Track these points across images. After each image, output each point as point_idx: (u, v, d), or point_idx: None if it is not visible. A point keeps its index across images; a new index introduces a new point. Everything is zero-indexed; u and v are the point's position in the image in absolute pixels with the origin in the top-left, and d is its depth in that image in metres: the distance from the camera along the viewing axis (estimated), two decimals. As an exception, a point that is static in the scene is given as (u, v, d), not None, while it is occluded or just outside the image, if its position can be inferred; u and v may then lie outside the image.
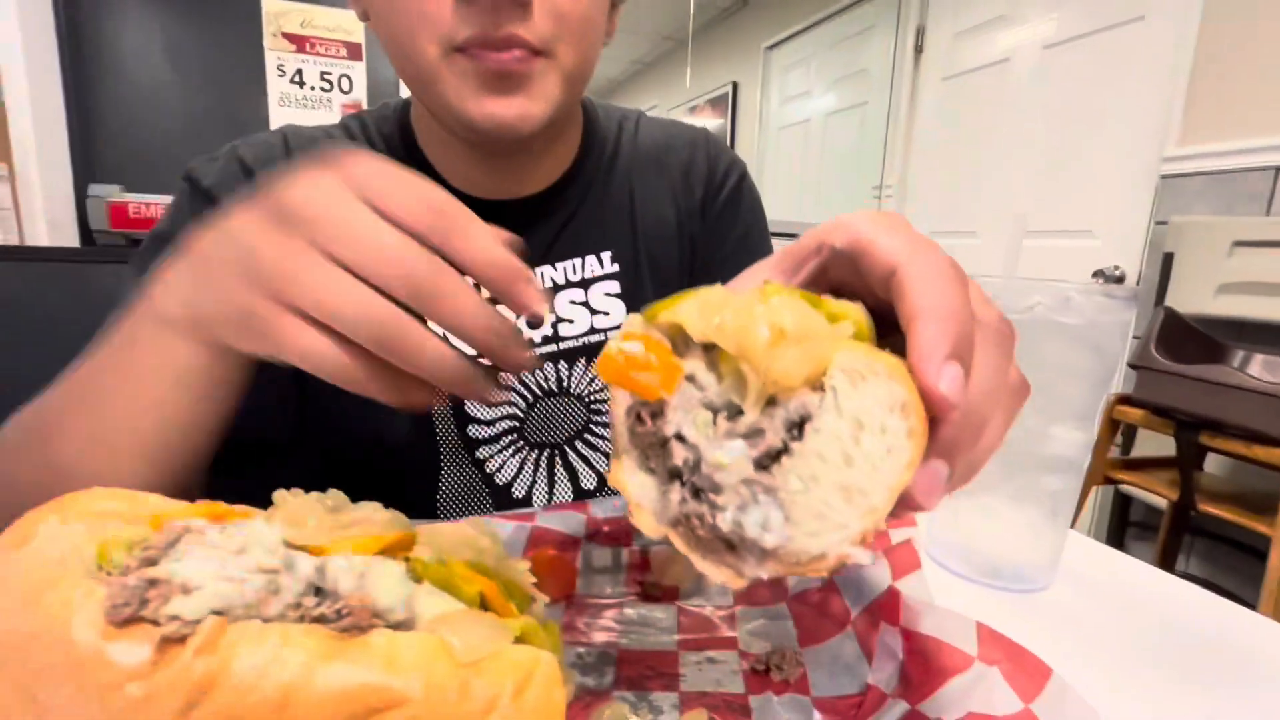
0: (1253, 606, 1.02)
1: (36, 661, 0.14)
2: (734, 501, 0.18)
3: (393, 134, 0.48)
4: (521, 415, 0.47)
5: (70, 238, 1.77)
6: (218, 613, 0.15)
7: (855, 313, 0.19)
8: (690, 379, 0.19)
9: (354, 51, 2.08)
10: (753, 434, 0.18)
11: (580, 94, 0.44)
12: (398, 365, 0.22)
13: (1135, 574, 0.37)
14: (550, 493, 0.48)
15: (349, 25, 2.06)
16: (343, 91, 2.09)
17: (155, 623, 0.14)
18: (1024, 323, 0.32)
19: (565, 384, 0.48)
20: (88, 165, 1.82)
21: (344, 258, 0.21)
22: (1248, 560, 1.45)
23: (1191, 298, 1.46)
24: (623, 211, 0.51)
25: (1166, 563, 1.50)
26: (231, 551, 0.16)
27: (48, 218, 1.66)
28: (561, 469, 0.49)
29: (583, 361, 0.48)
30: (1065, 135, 1.91)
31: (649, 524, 0.19)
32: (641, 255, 0.50)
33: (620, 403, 0.20)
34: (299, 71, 2.03)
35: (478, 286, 0.23)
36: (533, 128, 0.39)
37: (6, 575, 0.15)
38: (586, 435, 0.49)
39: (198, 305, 0.24)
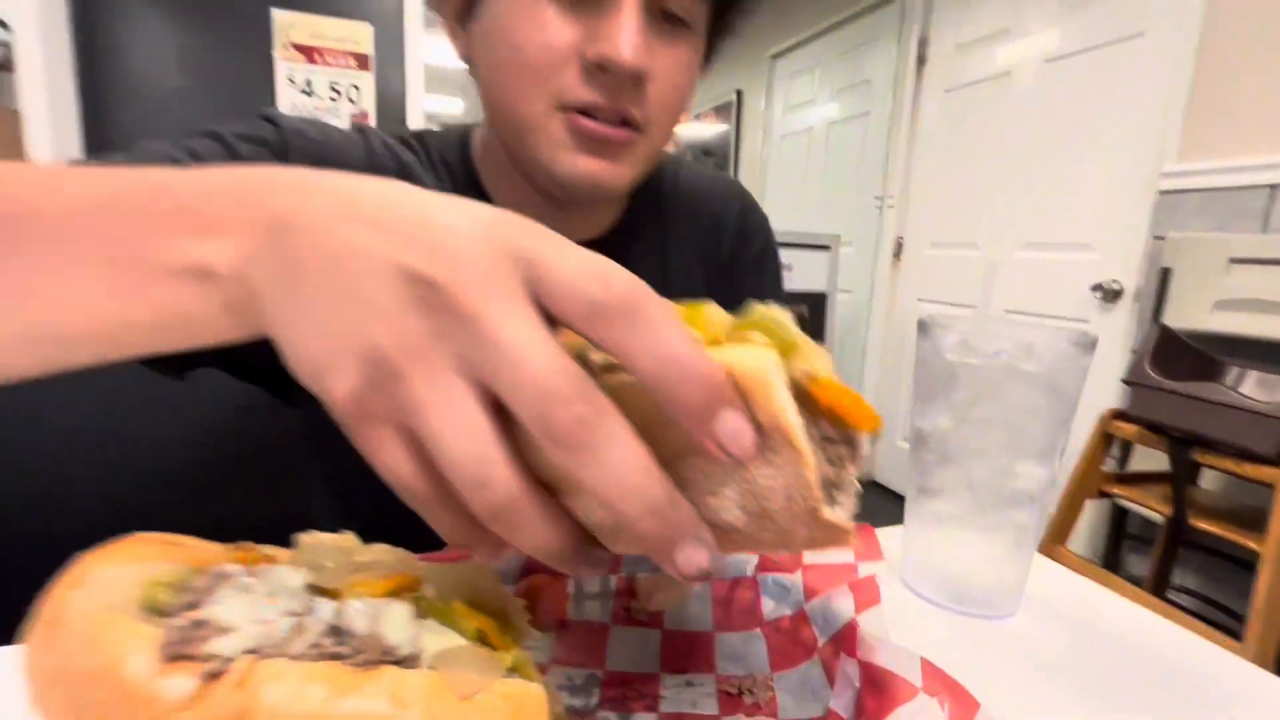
0: (1243, 620, 1.03)
1: (93, 696, 0.16)
2: None
3: (455, 162, 0.49)
4: None
5: (84, 245, 1.81)
6: (251, 651, 0.17)
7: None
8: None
9: (363, 62, 2.11)
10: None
11: (655, 164, 0.46)
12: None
13: (1100, 603, 0.39)
14: None
15: (357, 36, 2.09)
16: (351, 101, 2.13)
17: (198, 660, 0.16)
18: (990, 367, 0.34)
19: None
20: (101, 173, 1.85)
21: (492, 378, 0.16)
22: (1242, 575, 1.46)
23: (1189, 313, 1.47)
24: (656, 261, 0.53)
25: (1161, 576, 1.51)
26: (263, 595, 0.18)
27: (62, 225, 1.70)
28: None
29: None
30: (1065, 148, 1.93)
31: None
32: None
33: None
34: (308, 81, 2.06)
35: None
36: (617, 191, 0.42)
37: (68, 616, 0.17)
38: None
39: (288, 315, 0.18)
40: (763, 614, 0.31)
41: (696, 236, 0.54)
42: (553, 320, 0.17)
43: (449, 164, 0.49)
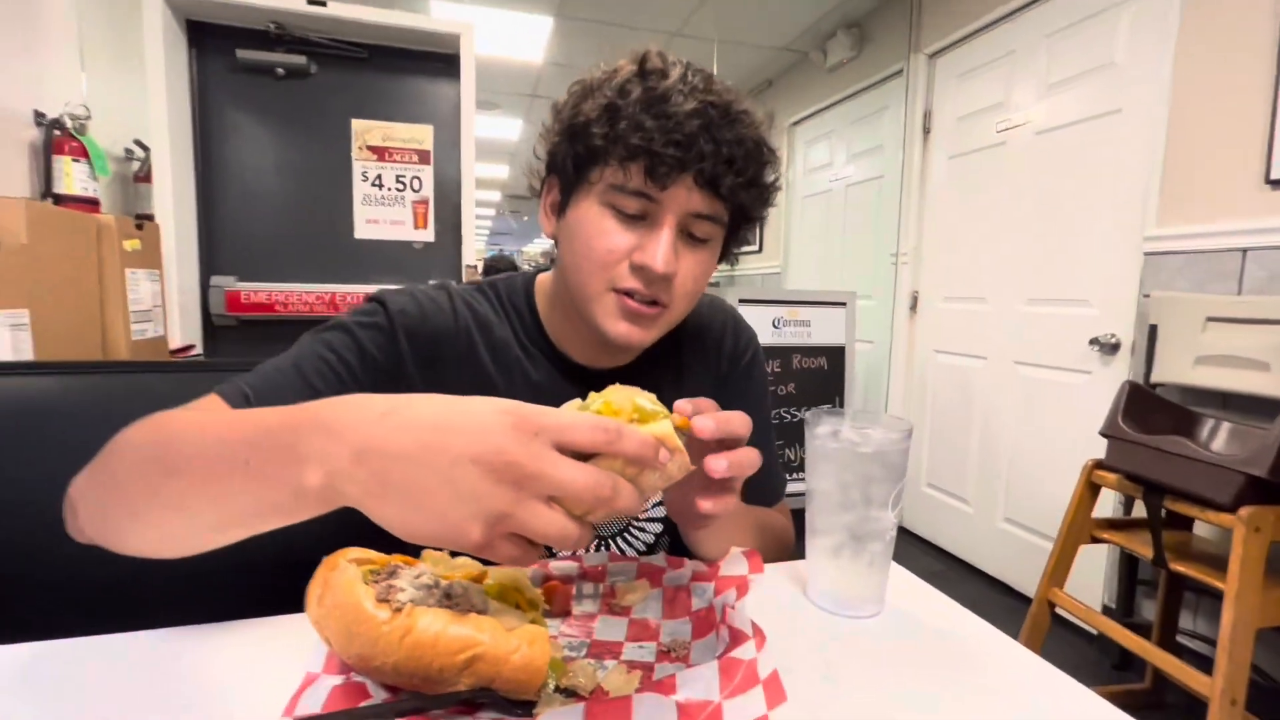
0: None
1: (349, 617, 0.36)
2: None
3: (521, 308, 0.65)
4: None
5: (195, 322, 2.14)
6: (411, 600, 0.37)
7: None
8: None
9: (424, 157, 2.45)
10: None
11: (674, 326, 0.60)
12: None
13: (940, 609, 0.55)
14: None
15: (420, 136, 2.43)
16: (414, 190, 2.45)
17: (391, 603, 0.36)
18: (844, 449, 0.52)
19: None
20: (210, 261, 2.20)
21: (555, 496, 0.32)
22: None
23: (1174, 368, 1.57)
24: (672, 380, 0.68)
25: (1168, 620, 1.57)
26: (414, 577, 0.38)
27: (179, 307, 2.03)
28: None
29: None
30: (1059, 211, 2.07)
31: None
32: None
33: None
34: (379, 176, 2.40)
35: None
36: (643, 347, 0.60)
37: (333, 582, 0.37)
38: (626, 533, 0.67)
39: (401, 513, 0.31)
40: (691, 607, 0.49)
41: (702, 359, 0.71)
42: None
43: (518, 310, 0.64)
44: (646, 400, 0.40)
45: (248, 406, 0.49)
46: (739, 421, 0.42)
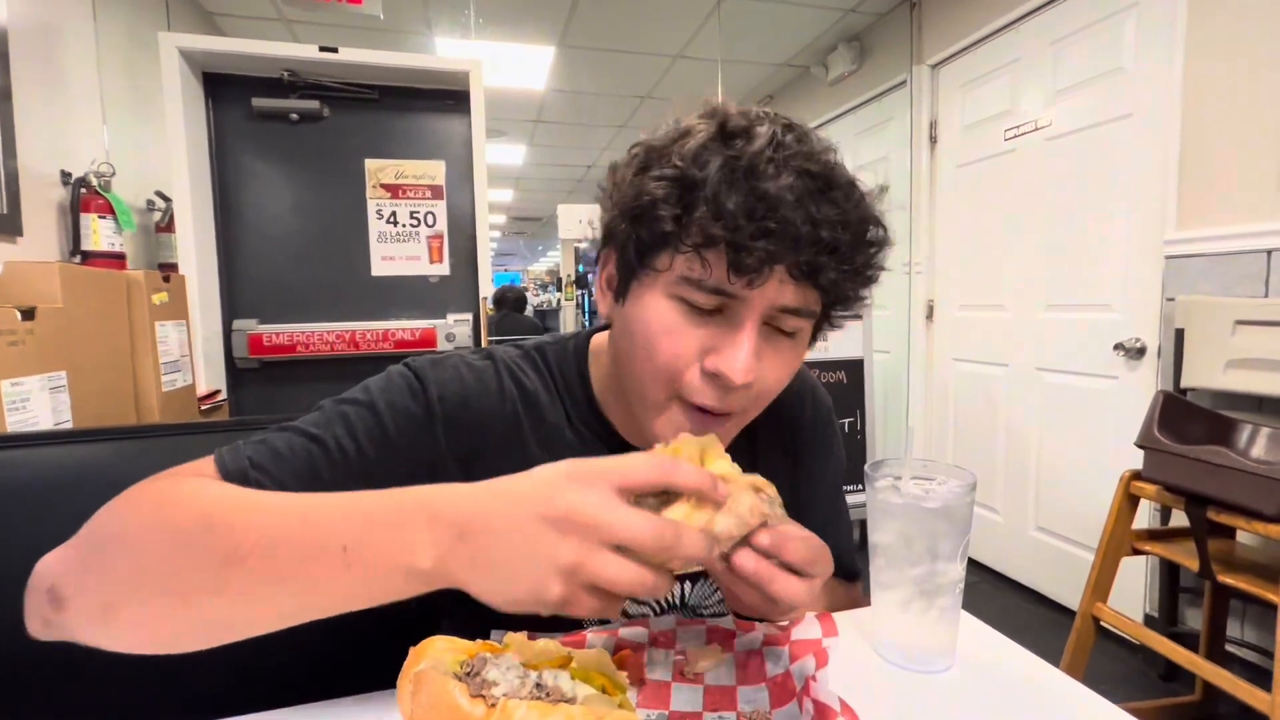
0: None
1: (445, 715, 0.36)
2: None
3: (573, 382, 0.57)
4: None
5: (219, 367, 2.16)
6: (504, 695, 0.37)
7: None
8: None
9: (436, 192, 2.48)
10: None
11: None
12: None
13: (1012, 659, 0.55)
14: None
15: (433, 172, 2.46)
16: (428, 225, 2.48)
17: (485, 699, 0.36)
18: (906, 504, 0.52)
19: (685, 599, 0.61)
20: (232, 306, 2.23)
21: (620, 542, 0.33)
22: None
23: (1204, 372, 1.56)
24: (746, 455, 0.57)
25: (1215, 629, 1.54)
26: (506, 668, 0.38)
27: (204, 353, 2.06)
28: None
29: (703, 580, 0.61)
30: (1075, 216, 2.06)
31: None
32: None
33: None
34: (393, 213, 2.43)
35: None
36: None
37: (423, 678, 0.38)
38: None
39: (494, 583, 0.34)
40: (766, 672, 0.49)
41: (776, 433, 0.63)
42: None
43: (569, 385, 0.57)
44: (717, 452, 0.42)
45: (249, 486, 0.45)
46: (801, 549, 0.41)
